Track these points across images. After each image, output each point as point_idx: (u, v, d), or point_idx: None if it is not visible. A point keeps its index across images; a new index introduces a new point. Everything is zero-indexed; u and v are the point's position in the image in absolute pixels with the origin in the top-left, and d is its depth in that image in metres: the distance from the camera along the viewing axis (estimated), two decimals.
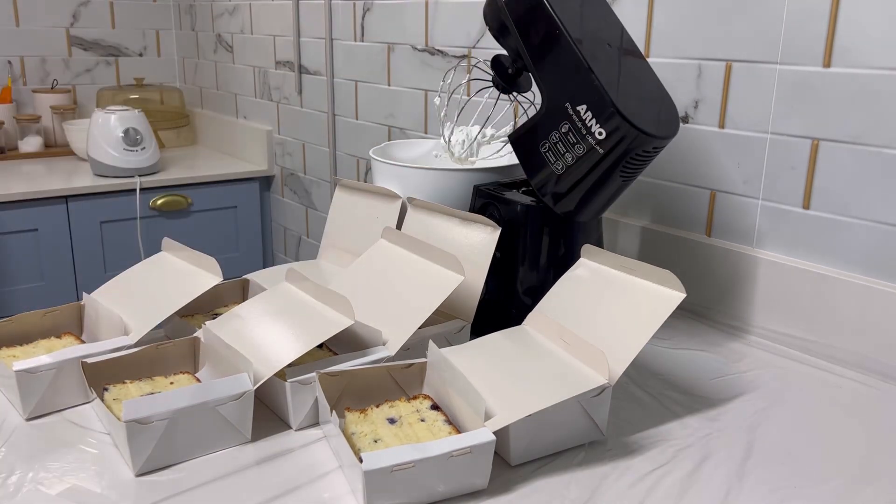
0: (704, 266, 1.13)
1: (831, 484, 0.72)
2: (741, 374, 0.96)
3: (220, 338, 0.82)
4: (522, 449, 0.74)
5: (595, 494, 0.70)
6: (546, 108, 0.94)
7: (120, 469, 0.72)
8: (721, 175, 1.12)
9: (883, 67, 0.93)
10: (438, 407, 0.77)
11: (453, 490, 0.68)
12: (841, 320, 0.99)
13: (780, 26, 1.02)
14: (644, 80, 0.97)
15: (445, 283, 0.88)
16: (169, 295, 0.92)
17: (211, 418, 0.74)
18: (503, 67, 1.04)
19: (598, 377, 0.75)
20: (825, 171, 1.00)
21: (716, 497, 0.70)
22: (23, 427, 0.80)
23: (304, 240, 2.32)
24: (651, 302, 0.80)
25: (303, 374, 0.78)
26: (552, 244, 1.00)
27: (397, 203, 1.10)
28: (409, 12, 1.69)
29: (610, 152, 0.90)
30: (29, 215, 2.08)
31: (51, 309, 0.95)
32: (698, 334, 1.09)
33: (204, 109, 2.80)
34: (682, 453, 0.77)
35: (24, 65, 2.56)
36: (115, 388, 0.79)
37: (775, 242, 1.07)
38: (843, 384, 0.94)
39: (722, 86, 1.10)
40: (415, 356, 0.83)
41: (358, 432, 0.73)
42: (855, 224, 0.98)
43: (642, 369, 0.96)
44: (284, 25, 2.17)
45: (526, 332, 0.87)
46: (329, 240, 1.20)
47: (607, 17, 1.01)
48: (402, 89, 1.74)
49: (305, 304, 0.88)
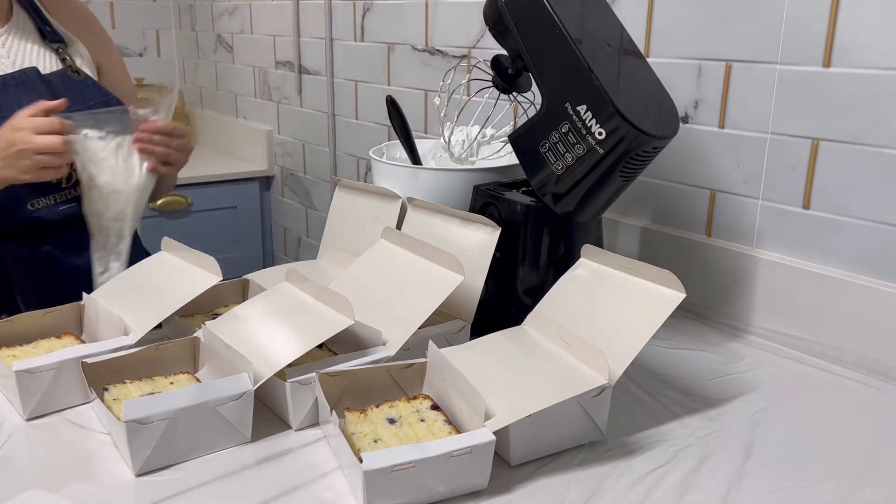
0: (704, 266, 1.13)
1: (831, 484, 0.72)
2: (741, 374, 0.96)
3: (220, 338, 0.82)
4: (522, 449, 0.74)
5: (595, 494, 0.70)
6: (546, 108, 0.94)
7: (120, 469, 0.72)
8: (721, 175, 1.12)
9: (883, 67, 0.93)
10: (438, 407, 0.77)
11: (453, 490, 0.68)
12: (841, 320, 0.99)
13: (780, 26, 1.02)
14: (644, 80, 0.97)
15: (445, 283, 0.88)
16: (169, 295, 0.92)
17: (211, 418, 0.74)
18: (503, 67, 1.04)
19: (598, 377, 0.75)
20: (825, 171, 1.00)
21: (716, 497, 0.70)
22: (23, 427, 0.80)
23: (304, 240, 2.32)
24: (651, 302, 0.80)
25: (303, 374, 0.78)
26: (552, 244, 1.00)
27: (397, 203, 1.10)
28: (409, 12, 1.69)
29: (610, 152, 0.90)
30: None
31: (51, 309, 0.95)
32: (698, 334, 1.09)
33: (204, 109, 2.80)
34: (682, 453, 0.77)
35: None
36: (115, 388, 0.79)
37: (775, 242, 1.07)
38: (843, 384, 0.94)
39: (722, 86, 1.10)
40: (415, 356, 0.83)
41: (358, 432, 0.73)
42: (855, 224, 0.98)
43: (642, 369, 0.96)
44: (284, 25, 2.17)
45: (526, 332, 0.87)
46: (329, 240, 1.20)
47: (607, 17, 1.01)
48: (402, 89, 1.74)
49: (305, 304, 0.88)
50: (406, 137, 1.21)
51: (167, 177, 1.18)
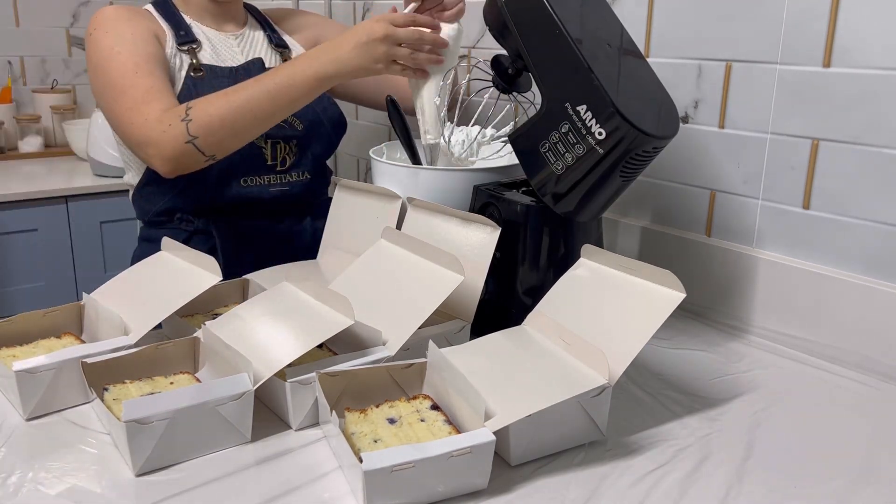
0: (704, 266, 1.13)
1: (831, 484, 0.72)
2: (741, 374, 0.96)
3: (220, 338, 0.82)
4: (522, 449, 0.74)
5: (595, 494, 0.70)
6: (546, 108, 0.94)
7: (120, 469, 0.72)
8: (721, 175, 1.12)
9: (883, 68, 0.93)
10: (438, 407, 0.77)
11: (453, 490, 0.68)
12: (841, 320, 0.99)
13: (780, 26, 1.02)
14: (644, 80, 0.97)
15: (445, 283, 0.88)
16: (168, 294, 0.92)
17: (211, 418, 0.74)
18: (503, 67, 1.04)
19: (597, 377, 0.75)
20: (825, 171, 1.00)
21: (716, 497, 0.70)
22: (23, 427, 0.80)
23: None
24: (651, 302, 0.80)
25: (303, 374, 0.78)
26: (552, 244, 1.00)
27: (397, 203, 1.10)
28: None
29: (610, 152, 0.90)
30: (29, 215, 2.08)
31: (51, 309, 0.94)
32: (698, 334, 1.09)
33: None
34: (682, 453, 0.77)
35: (24, 65, 2.56)
36: (115, 388, 0.79)
37: (775, 242, 1.07)
38: (843, 384, 0.94)
39: (722, 86, 1.10)
40: (415, 356, 0.83)
41: (358, 432, 0.73)
42: (855, 224, 0.98)
43: (642, 369, 0.96)
44: None
45: (526, 332, 0.87)
46: (329, 240, 1.20)
47: (607, 17, 1.01)
48: None
49: (305, 304, 0.88)
50: (406, 137, 1.21)
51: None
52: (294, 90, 1.09)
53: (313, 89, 1.10)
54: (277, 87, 1.09)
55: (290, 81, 1.09)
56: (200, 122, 1.08)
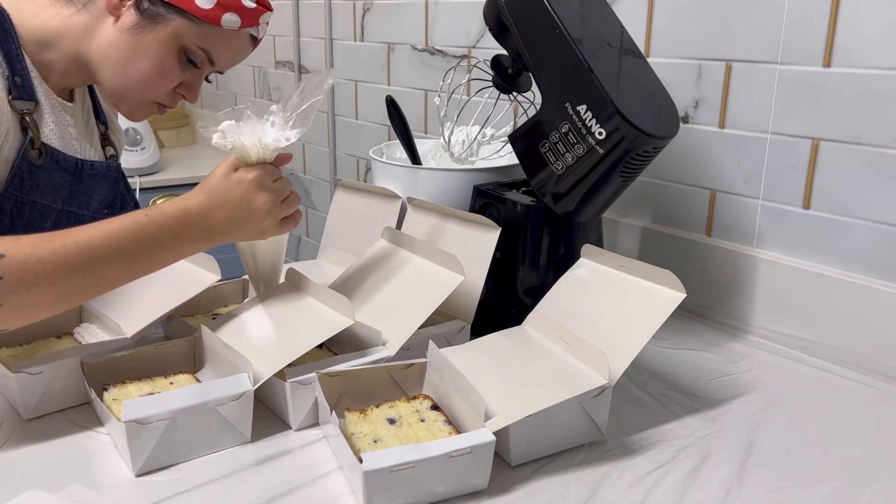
0: (704, 266, 1.13)
1: (831, 484, 0.72)
2: (741, 374, 0.96)
3: (220, 338, 0.82)
4: (522, 449, 0.74)
5: (595, 494, 0.70)
6: (546, 108, 0.94)
7: (120, 469, 0.72)
8: (721, 175, 1.12)
9: (883, 67, 0.93)
10: (438, 407, 0.77)
11: (453, 490, 0.68)
12: (841, 320, 0.99)
13: (780, 26, 1.01)
14: (644, 80, 0.97)
15: (445, 283, 0.88)
16: (167, 294, 0.92)
17: (211, 418, 0.74)
18: (503, 67, 1.04)
19: (598, 377, 0.75)
20: (825, 171, 1.00)
21: (716, 497, 0.70)
22: (23, 427, 0.80)
23: (304, 240, 2.32)
24: (651, 302, 0.80)
25: (303, 374, 0.78)
26: (552, 244, 1.00)
27: (397, 203, 1.10)
28: (408, 12, 1.69)
29: (610, 152, 0.90)
30: None
31: None
32: (698, 334, 1.09)
33: (204, 109, 2.80)
34: (682, 453, 0.77)
35: None
36: (114, 388, 0.79)
37: (775, 242, 1.07)
38: (843, 384, 0.94)
39: (722, 86, 1.09)
40: (415, 356, 0.83)
41: (358, 432, 0.73)
42: (855, 224, 0.98)
43: (642, 369, 0.96)
44: (284, 25, 2.17)
45: (526, 332, 0.87)
46: (329, 240, 1.20)
47: (607, 17, 1.01)
48: (402, 89, 1.74)
49: (305, 304, 0.88)
50: (406, 137, 1.21)
51: None
52: (162, 264, 0.81)
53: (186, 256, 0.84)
54: (142, 254, 0.77)
55: (160, 259, 0.80)
56: (14, 284, 0.68)
